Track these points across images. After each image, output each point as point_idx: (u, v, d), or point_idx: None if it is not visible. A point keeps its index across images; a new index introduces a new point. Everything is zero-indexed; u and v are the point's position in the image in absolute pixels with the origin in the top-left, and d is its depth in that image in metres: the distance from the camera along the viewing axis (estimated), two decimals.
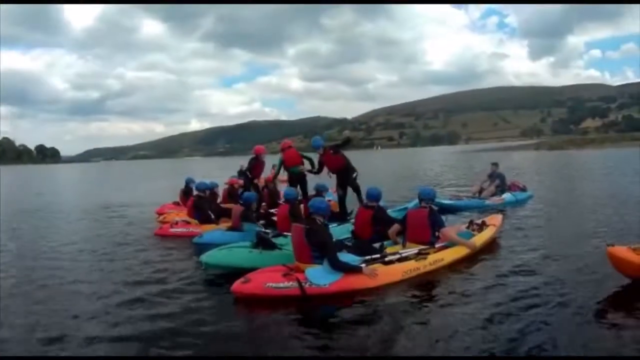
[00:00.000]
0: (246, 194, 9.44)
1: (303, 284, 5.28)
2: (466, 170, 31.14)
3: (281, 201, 9.83)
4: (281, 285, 5.30)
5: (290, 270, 5.56)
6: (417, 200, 7.02)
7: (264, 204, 10.87)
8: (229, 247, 6.84)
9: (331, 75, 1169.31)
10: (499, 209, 11.05)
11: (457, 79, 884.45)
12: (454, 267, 6.39)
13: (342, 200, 9.54)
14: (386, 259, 6.16)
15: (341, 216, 9.32)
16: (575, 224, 9.42)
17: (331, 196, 10.10)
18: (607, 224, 9.00)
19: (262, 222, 9.10)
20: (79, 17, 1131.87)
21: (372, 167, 38.79)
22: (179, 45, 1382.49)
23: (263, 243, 6.88)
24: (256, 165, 10.95)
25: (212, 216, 10.04)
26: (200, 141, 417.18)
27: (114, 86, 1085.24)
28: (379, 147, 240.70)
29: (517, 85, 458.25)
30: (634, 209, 10.48)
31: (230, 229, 8.76)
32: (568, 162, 32.16)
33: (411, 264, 6.08)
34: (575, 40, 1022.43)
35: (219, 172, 36.08)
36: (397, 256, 6.24)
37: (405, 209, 9.38)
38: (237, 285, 5.37)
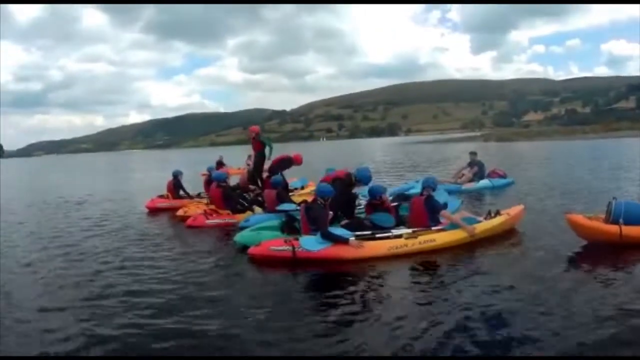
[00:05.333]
0: (274, 177, 9.86)
1: (296, 248, 6.35)
2: (417, 158, 32.51)
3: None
4: (279, 248, 6.46)
5: (295, 239, 6.58)
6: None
7: None
8: (257, 229, 7.58)
9: (271, 67, 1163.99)
10: (475, 194, 12.34)
11: (397, 72, 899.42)
12: (450, 250, 6.64)
13: None
14: (377, 235, 6.70)
15: None
16: (552, 201, 10.48)
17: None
18: (578, 198, 10.57)
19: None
20: (23, 7, 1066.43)
21: (329, 158, 39.41)
22: (120, 36, 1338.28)
23: (289, 227, 7.58)
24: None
25: (246, 204, 10.22)
26: (139, 133, 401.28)
27: (55, 77, 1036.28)
28: (325, 138, 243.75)
29: (458, 78, 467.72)
30: (601, 188, 11.97)
31: (268, 212, 9.10)
32: (527, 153, 33.09)
33: (399, 241, 6.53)
34: (518, 35, 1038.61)
35: (170, 164, 35.24)
36: (388, 234, 6.76)
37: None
38: (252, 248, 6.74)
